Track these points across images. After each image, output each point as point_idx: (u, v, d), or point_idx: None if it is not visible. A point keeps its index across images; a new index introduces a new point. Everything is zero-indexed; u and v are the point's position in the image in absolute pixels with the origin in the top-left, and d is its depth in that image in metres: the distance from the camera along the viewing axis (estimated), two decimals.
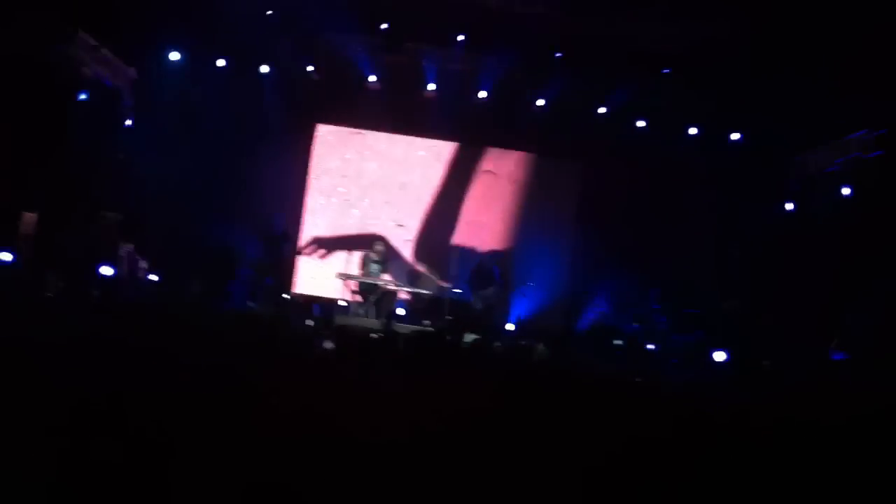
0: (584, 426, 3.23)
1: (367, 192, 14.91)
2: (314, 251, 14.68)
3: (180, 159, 13.17)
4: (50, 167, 11.22)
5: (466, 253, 14.23)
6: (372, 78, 14.42)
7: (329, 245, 14.69)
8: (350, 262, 12.81)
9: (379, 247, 13.09)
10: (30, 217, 11.02)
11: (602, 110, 14.27)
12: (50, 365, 3.17)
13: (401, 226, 14.79)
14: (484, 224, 14.95)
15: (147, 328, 4.97)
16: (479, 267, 13.47)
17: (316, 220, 14.83)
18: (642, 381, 6.31)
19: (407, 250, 14.73)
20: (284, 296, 13.68)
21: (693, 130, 14.10)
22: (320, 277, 14.31)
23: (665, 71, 13.42)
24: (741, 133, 13.91)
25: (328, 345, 6.29)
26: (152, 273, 12.84)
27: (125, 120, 13.11)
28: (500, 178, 15.08)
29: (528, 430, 3.08)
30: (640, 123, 14.30)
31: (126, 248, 12.54)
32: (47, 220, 11.18)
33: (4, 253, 9.84)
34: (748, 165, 13.23)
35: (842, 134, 11.81)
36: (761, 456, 2.91)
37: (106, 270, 11.20)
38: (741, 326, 12.63)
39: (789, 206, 12.89)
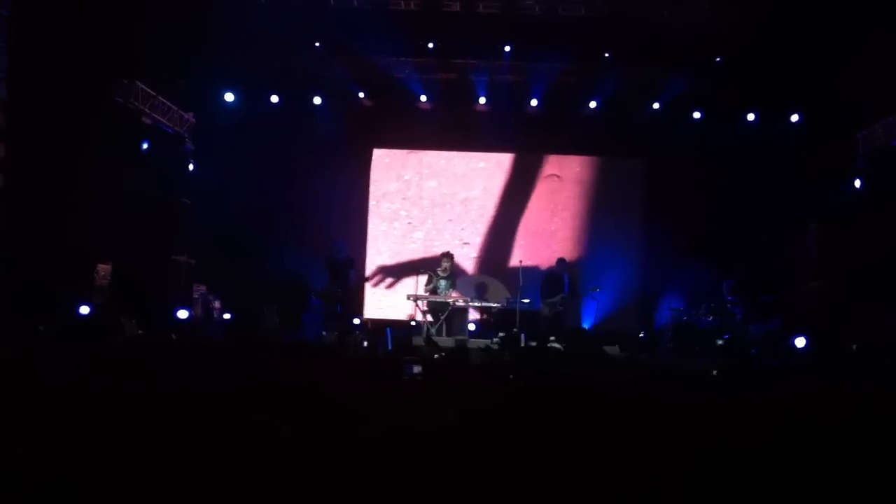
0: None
1: (429, 212, 15.01)
2: (381, 280, 14.81)
3: (242, 197, 13.46)
4: (121, 217, 11.55)
5: (533, 263, 14.16)
6: (423, 98, 14.51)
7: (395, 273, 14.84)
8: (418, 281, 12.85)
9: (446, 263, 13.13)
10: (104, 268, 11.36)
11: (656, 105, 14.11)
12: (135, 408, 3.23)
13: (466, 244, 14.84)
14: (551, 232, 14.90)
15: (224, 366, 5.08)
16: (549, 275, 13.43)
17: (379, 247, 15.00)
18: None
19: (473, 266, 14.75)
20: (356, 321, 13.79)
21: (751, 116, 13.85)
22: (389, 301, 14.46)
23: (717, 59, 13.24)
24: (800, 114, 13.60)
25: (417, 369, 6.26)
26: (226, 312, 13.11)
27: (188, 164, 13.42)
28: (564, 182, 15.05)
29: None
30: (697, 115, 14.10)
31: (199, 290, 12.84)
32: (121, 269, 11.50)
33: (83, 306, 10.13)
34: (811, 146, 12.93)
35: None
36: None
37: (182, 314, 11.46)
38: (822, 310, 12.36)
39: (857, 184, 12.54)
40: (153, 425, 2.83)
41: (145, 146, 12.38)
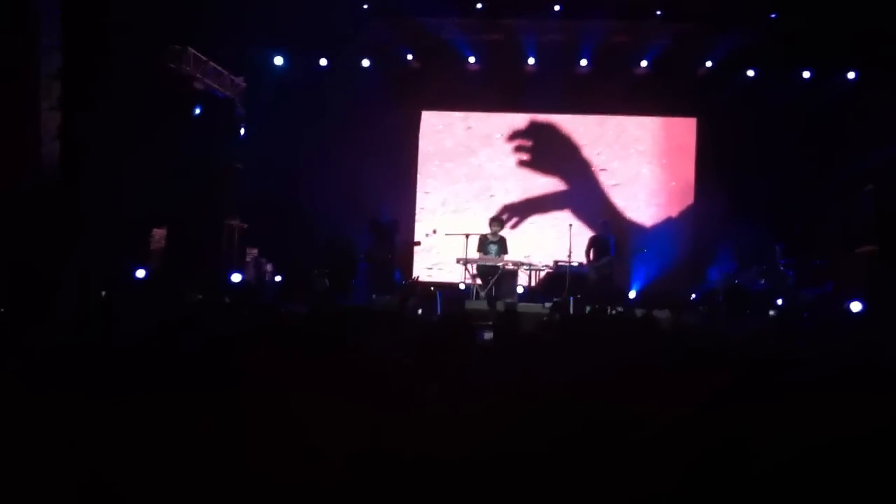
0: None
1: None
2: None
3: (291, 161, 13.58)
4: (174, 182, 11.73)
5: (584, 223, 14.09)
6: (471, 59, 14.42)
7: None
8: (468, 244, 12.88)
9: (496, 227, 13.15)
10: (159, 232, 11.57)
11: (709, 64, 13.88)
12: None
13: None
14: (601, 191, 14.83)
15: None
16: (594, 239, 13.36)
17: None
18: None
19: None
20: (405, 283, 13.90)
21: (806, 74, 13.57)
22: (440, 262, 14.54)
23: (772, 16, 12.96)
24: (856, 72, 13.28)
25: (488, 335, 6.30)
26: (277, 275, 13.30)
27: (239, 129, 13.54)
28: (617, 144, 14.91)
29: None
30: (750, 73, 13.84)
31: (251, 254, 13.04)
32: (176, 234, 11.71)
33: (140, 270, 10.35)
34: (868, 105, 12.63)
35: None
36: None
37: (235, 277, 11.65)
38: (876, 275, 12.15)
39: None
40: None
41: (198, 111, 12.49)
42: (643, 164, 14.85)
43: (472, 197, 15.06)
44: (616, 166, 14.88)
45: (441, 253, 14.64)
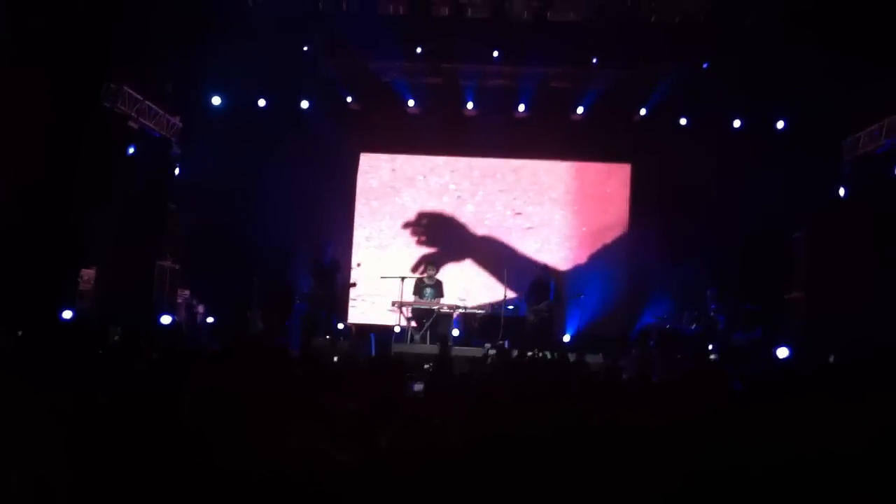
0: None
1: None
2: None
3: (228, 201, 13.46)
4: (106, 221, 11.56)
5: (520, 268, 14.17)
6: (411, 102, 14.51)
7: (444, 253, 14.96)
8: (403, 288, 12.87)
9: (431, 271, 13.21)
10: (88, 273, 11.37)
11: (643, 111, 14.15)
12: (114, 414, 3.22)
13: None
14: (537, 236, 14.97)
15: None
16: (535, 282, 13.43)
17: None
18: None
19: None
20: (340, 326, 13.82)
21: (737, 123, 13.88)
22: (373, 306, 14.50)
23: (704, 66, 13.27)
24: (785, 121, 13.63)
25: (418, 387, 6.26)
26: (209, 316, 13.13)
27: (174, 169, 13.41)
28: (552, 187, 15.10)
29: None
30: (683, 121, 14.12)
31: (183, 295, 12.87)
32: (106, 274, 11.51)
33: (66, 311, 10.13)
34: (796, 153, 12.94)
35: (889, 113, 11.53)
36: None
37: (165, 319, 11.46)
38: (805, 320, 12.39)
39: (842, 192, 12.59)
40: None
41: (132, 150, 12.33)
42: (556, 209, 15.07)
43: (396, 234, 15.14)
44: (530, 210, 15.10)
45: (367, 295, 14.65)
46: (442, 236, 15.11)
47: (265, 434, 2.86)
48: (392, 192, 15.28)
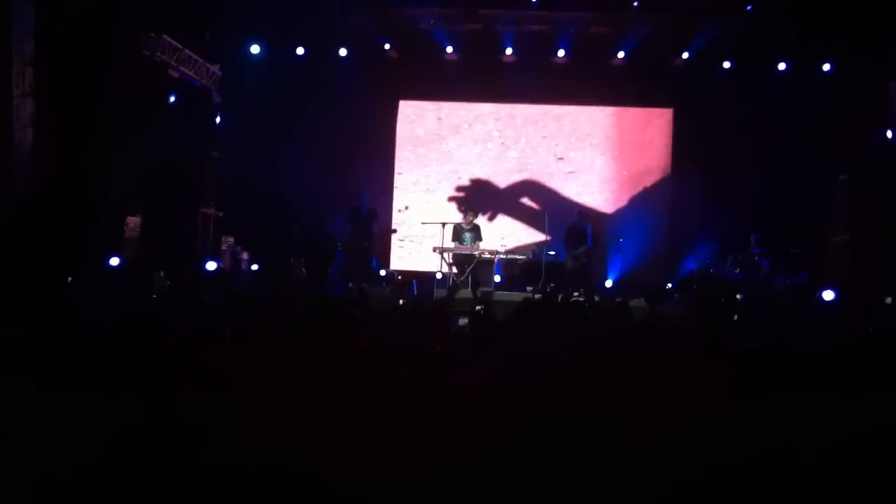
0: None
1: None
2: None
3: (268, 149, 13.50)
4: (149, 170, 11.65)
5: (561, 214, 14.12)
6: (449, 49, 14.40)
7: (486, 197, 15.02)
8: (444, 233, 12.89)
9: (470, 216, 13.19)
10: (134, 220, 11.49)
11: (685, 56, 13.93)
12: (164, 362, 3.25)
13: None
14: (577, 180, 14.94)
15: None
16: (572, 228, 13.38)
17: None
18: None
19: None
20: (382, 273, 13.89)
21: (782, 66, 13.63)
22: (415, 253, 14.55)
23: (748, 8, 13.02)
24: (831, 63, 13.36)
25: (463, 321, 6.34)
26: (254, 264, 13.25)
27: (215, 117, 13.46)
28: (593, 131, 15.05)
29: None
30: (727, 65, 13.89)
31: (227, 242, 12.98)
32: (150, 222, 11.63)
33: (113, 258, 10.28)
34: (843, 96, 12.71)
35: None
36: None
37: (210, 265, 11.59)
38: (850, 264, 12.25)
39: (889, 135, 12.33)
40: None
41: (172, 99, 12.39)
42: (597, 154, 15.04)
43: (442, 178, 15.16)
44: (572, 156, 15.06)
45: (414, 237, 14.76)
46: (486, 182, 15.14)
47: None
48: (438, 140, 15.28)
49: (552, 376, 3.12)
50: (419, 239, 14.50)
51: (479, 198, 14.78)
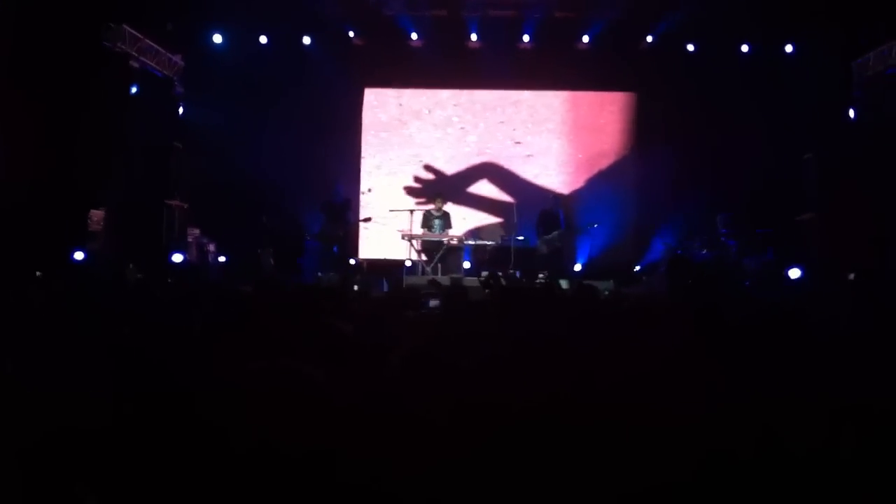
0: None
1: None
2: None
3: (233, 140, 13.35)
4: (112, 162, 11.51)
5: (528, 200, 14.14)
6: (414, 35, 14.34)
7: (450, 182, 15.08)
8: (412, 221, 12.86)
9: (439, 202, 13.17)
10: (98, 214, 11.34)
11: (649, 39, 13.98)
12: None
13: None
14: (543, 167, 14.97)
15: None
16: (545, 213, 13.40)
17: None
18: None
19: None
20: (351, 261, 13.84)
21: (745, 48, 13.73)
22: (384, 241, 14.50)
23: None
24: (794, 44, 13.48)
25: (434, 303, 6.36)
26: (221, 255, 13.14)
27: (178, 108, 13.32)
28: (556, 116, 15.10)
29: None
30: (690, 47, 13.96)
31: (193, 234, 12.86)
32: (115, 215, 11.49)
33: (77, 252, 10.14)
34: (806, 76, 12.83)
35: None
36: None
37: (177, 257, 11.48)
38: (816, 242, 12.39)
39: (852, 114, 12.47)
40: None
41: (134, 90, 12.22)
42: (553, 138, 15.17)
43: (404, 162, 15.20)
44: (529, 140, 15.16)
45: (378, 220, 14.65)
46: (447, 167, 15.17)
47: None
48: (399, 125, 15.29)
49: (551, 359, 3.07)
50: (384, 221, 14.43)
51: (440, 182, 14.83)
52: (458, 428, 2.30)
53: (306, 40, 14.18)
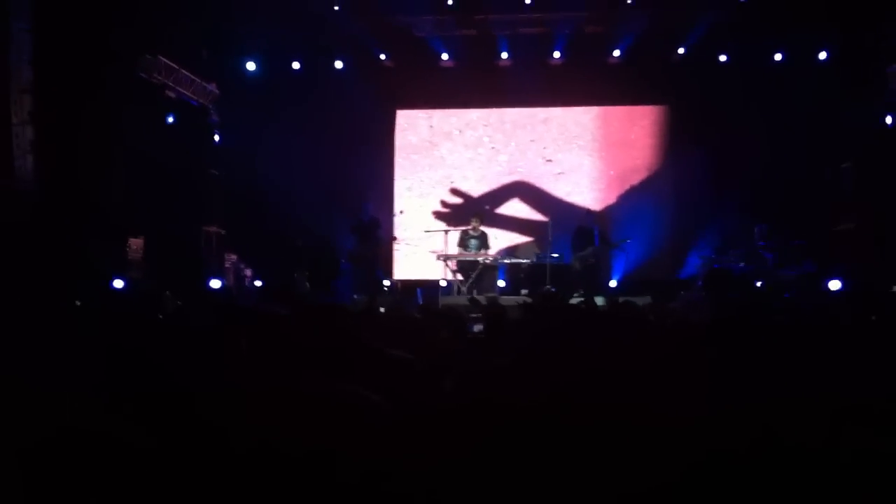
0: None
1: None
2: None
3: (268, 165, 13.51)
4: (150, 191, 11.67)
5: (562, 217, 14.09)
6: (444, 56, 14.42)
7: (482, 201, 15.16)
8: (447, 241, 12.88)
9: (475, 222, 13.18)
10: (136, 242, 11.50)
11: (681, 51, 13.91)
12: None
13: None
14: (577, 183, 14.94)
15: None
16: (579, 229, 13.33)
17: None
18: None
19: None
20: (386, 282, 13.89)
21: (778, 56, 13.60)
22: (419, 262, 14.54)
23: (741, 0, 13.00)
24: (827, 51, 13.33)
25: (478, 327, 6.34)
26: (257, 280, 13.27)
27: (213, 135, 13.50)
28: (588, 132, 15.07)
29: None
30: (723, 58, 13.87)
31: (230, 259, 13.00)
32: (154, 243, 11.65)
33: (117, 280, 10.28)
34: (841, 84, 12.66)
35: None
36: None
37: (215, 283, 11.60)
38: (856, 251, 12.19)
39: (889, 120, 12.27)
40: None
41: (171, 119, 12.43)
42: (584, 155, 15.13)
43: (436, 183, 15.26)
44: (560, 157, 15.13)
45: (410, 241, 14.81)
46: (479, 188, 15.22)
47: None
48: (430, 147, 15.39)
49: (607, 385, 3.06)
50: (415, 242, 14.49)
51: (473, 203, 14.88)
52: (466, 427, 2.33)
53: (338, 64, 14.33)
